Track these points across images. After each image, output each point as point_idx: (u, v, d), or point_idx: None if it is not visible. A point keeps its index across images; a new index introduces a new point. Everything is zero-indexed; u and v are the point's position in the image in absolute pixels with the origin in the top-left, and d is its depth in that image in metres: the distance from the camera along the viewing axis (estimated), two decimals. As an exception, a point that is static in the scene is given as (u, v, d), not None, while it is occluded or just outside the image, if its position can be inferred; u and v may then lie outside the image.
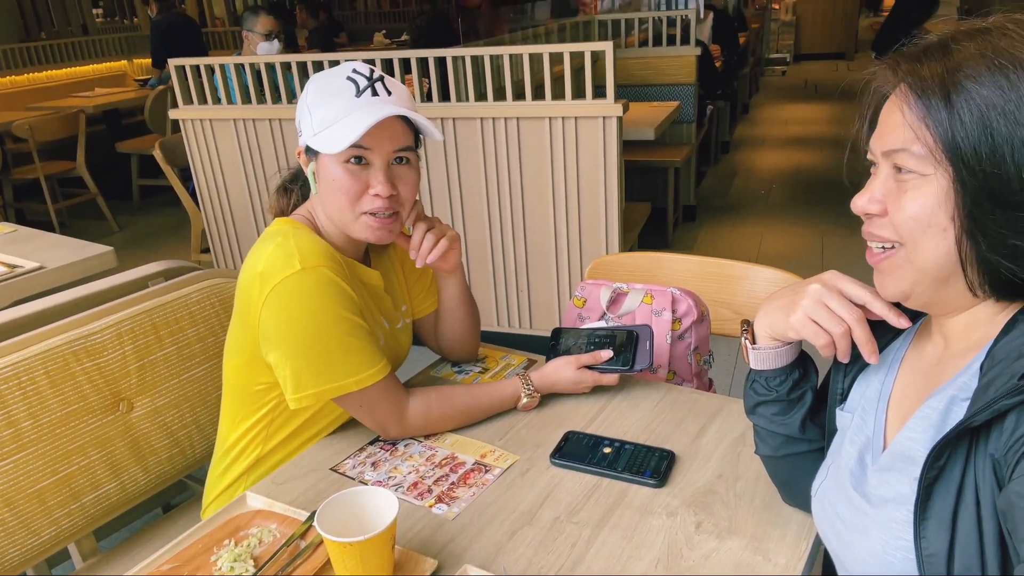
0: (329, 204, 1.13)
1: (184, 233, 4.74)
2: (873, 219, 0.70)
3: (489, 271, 2.87)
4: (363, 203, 1.10)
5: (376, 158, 1.08)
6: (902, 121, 0.66)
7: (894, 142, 0.67)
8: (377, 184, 1.08)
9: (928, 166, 0.65)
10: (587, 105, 2.52)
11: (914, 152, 0.65)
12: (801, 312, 0.77)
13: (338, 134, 1.05)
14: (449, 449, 1.13)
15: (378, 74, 1.10)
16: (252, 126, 3.04)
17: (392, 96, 1.08)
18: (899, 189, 0.68)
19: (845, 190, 3.21)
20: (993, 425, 0.61)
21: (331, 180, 1.09)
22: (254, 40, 3.69)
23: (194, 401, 1.48)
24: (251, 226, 3.25)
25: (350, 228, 1.13)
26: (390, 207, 1.11)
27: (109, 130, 5.53)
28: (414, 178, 1.14)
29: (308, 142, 1.10)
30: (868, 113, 0.75)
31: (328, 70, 1.12)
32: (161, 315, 1.43)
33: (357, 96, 1.06)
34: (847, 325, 0.75)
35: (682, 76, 4.17)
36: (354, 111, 1.05)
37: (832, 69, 10.23)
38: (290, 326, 1.07)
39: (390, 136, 1.08)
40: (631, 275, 1.62)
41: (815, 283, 0.77)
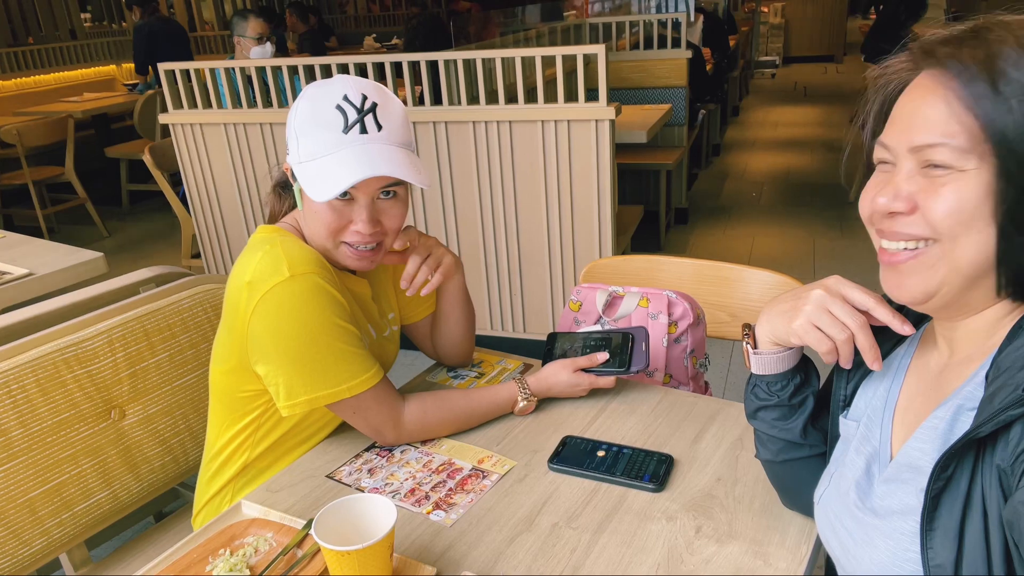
0: (311, 230, 1.11)
1: (174, 238, 4.72)
2: (897, 217, 0.67)
3: (482, 274, 2.87)
4: (344, 235, 1.09)
5: (360, 195, 1.06)
6: (938, 111, 0.63)
7: (928, 136, 0.64)
8: (359, 221, 1.07)
9: (969, 160, 0.62)
10: (580, 108, 2.52)
11: (955, 146, 0.62)
12: (804, 318, 0.76)
13: (320, 178, 1.02)
14: (446, 455, 1.12)
15: (370, 103, 1.03)
16: (243, 130, 3.02)
17: (383, 132, 1.04)
18: (931, 185, 0.64)
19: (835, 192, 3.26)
20: (999, 435, 0.60)
21: (314, 211, 1.08)
22: (246, 45, 3.65)
23: (186, 408, 1.47)
24: (242, 230, 3.23)
25: (331, 254, 1.12)
26: (372, 241, 1.09)
27: (98, 135, 5.49)
28: (400, 211, 1.11)
29: (293, 168, 1.08)
30: (874, 108, 0.73)
31: (322, 87, 1.06)
32: (153, 321, 1.41)
33: (344, 132, 1.02)
34: (850, 331, 0.73)
35: (673, 79, 4.17)
36: (339, 150, 1.02)
37: (821, 72, 10.28)
38: (281, 334, 1.06)
39: (375, 176, 1.03)
40: (626, 278, 1.62)
41: (818, 288, 0.76)
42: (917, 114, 0.65)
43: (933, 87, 0.64)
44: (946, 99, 0.63)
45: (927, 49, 0.66)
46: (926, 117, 0.64)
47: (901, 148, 0.66)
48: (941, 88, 0.64)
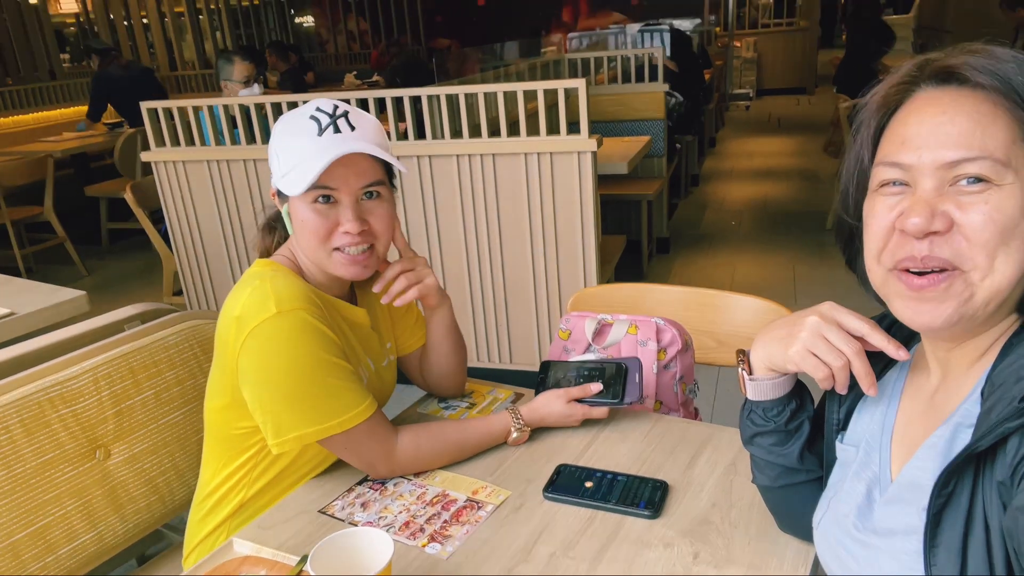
0: (303, 244, 1.13)
1: (154, 277, 4.67)
2: (932, 239, 0.63)
3: (468, 306, 2.87)
4: (334, 240, 1.10)
5: (343, 196, 1.08)
6: (967, 124, 0.62)
7: (961, 151, 0.61)
8: (346, 221, 1.08)
9: (1006, 174, 0.61)
10: (562, 141, 2.55)
11: (995, 158, 0.60)
12: (800, 344, 0.75)
13: (300, 175, 1.04)
14: (440, 487, 1.11)
15: (342, 110, 1.08)
16: (226, 167, 3.02)
17: (356, 131, 1.07)
18: (964, 202, 0.61)
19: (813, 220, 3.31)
20: (997, 450, 0.60)
21: (301, 221, 1.09)
22: (233, 89, 3.58)
23: (173, 446, 1.44)
24: (225, 267, 3.21)
25: (325, 265, 1.13)
26: (362, 242, 1.10)
27: (77, 174, 5.47)
28: (386, 210, 1.13)
29: (277, 185, 1.10)
30: (870, 133, 0.71)
31: (293, 111, 1.12)
32: (139, 358, 1.40)
33: (319, 135, 1.06)
34: (846, 358, 0.73)
35: (651, 112, 4.25)
36: (315, 151, 1.04)
37: (794, 103, 10.51)
38: (268, 370, 1.05)
39: (356, 172, 1.07)
40: (612, 307, 1.63)
41: (813, 315, 0.76)
42: (940, 130, 0.63)
43: (952, 99, 0.63)
44: (978, 112, 0.62)
45: (944, 66, 0.65)
46: (950, 133, 0.63)
47: (924, 166, 0.64)
48: (969, 102, 0.63)
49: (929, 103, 0.66)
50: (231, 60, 3.58)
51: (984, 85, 0.63)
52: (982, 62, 0.63)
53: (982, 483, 0.62)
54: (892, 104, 0.70)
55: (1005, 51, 0.64)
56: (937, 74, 0.66)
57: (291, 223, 1.13)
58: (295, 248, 1.17)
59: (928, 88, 0.67)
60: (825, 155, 6.93)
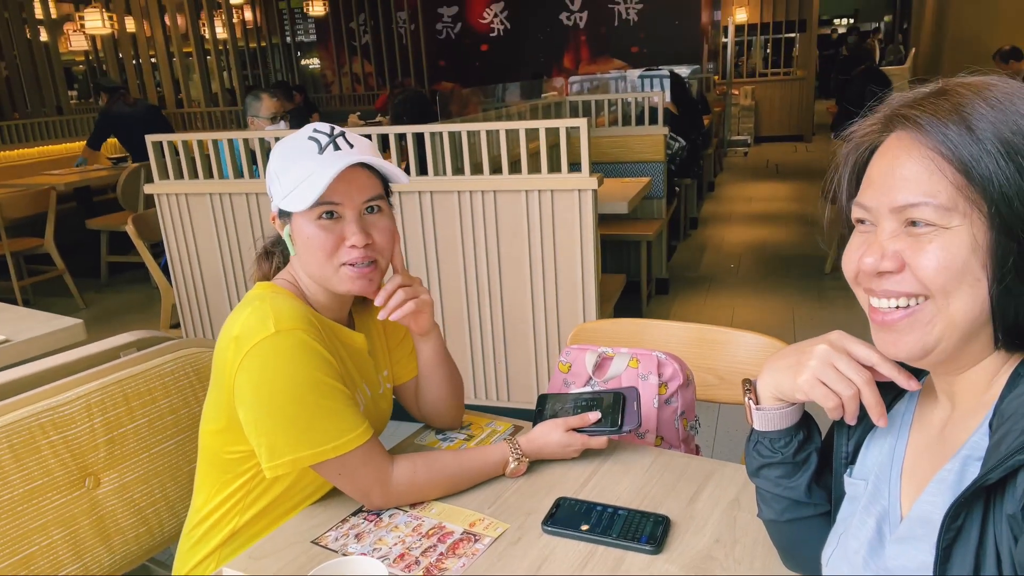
0: (308, 262, 1.12)
1: (151, 310, 4.66)
2: (886, 276, 0.67)
3: (467, 342, 2.85)
4: (340, 255, 1.10)
5: (347, 211, 1.09)
6: (918, 170, 0.64)
7: (909, 195, 0.64)
8: (351, 235, 1.09)
9: (953, 217, 0.62)
10: (563, 178, 2.57)
11: (937, 204, 0.63)
12: (809, 373, 0.74)
13: (306, 191, 1.06)
14: (436, 518, 1.09)
15: (339, 130, 1.12)
16: (228, 200, 3.04)
17: (355, 148, 1.10)
18: (917, 243, 0.64)
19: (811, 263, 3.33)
20: (1008, 484, 0.59)
21: (306, 238, 1.10)
22: (260, 125, 3.65)
23: (164, 476, 1.42)
24: (224, 300, 3.20)
25: (331, 283, 1.12)
26: (367, 256, 1.11)
27: (80, 207, 5.50)
28: (387, 224, 1.14)
29: (279, 205, 1.11)
30: (847, 173, 0.74)
31: (289, 135, 1.14)
32: (133, 386, 1.38)
33: (320, 153, 1.08)
34: (856, 388, 0.72)
35: (651, 154, 4.30)
36: (319, 167, 1.07)
37: (791, 150, 10.64)
38: (264, 391, 1.04)
39: (358, 187, 1.09)
40: (613, 341, 1.62)
41: (822, 343, 0.75)
42: (894, 174, 0.66)
43: (908, 146, 0.65)
44: (927, 157, 0.64)
45: (896, 111, 0.68)
46: (904, 177, 0.65)
47: (882, 208, 0.67)
48: (917, 146, 0.65)
49: (891, 147, 0.68)
50: (259, 97, 3.67)
51: (936, 132, 0.65)
52: (935, 115, 0.64)
53: (992, 516, 0.60)
54: (871, 144, 0.72)
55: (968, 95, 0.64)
56: (901, 120, 0.68)
57: (293, 244, 1.13)
58: (296, 271, 1.17)
59: (896, 132, 0.69)
60: (823, 200, 6.98)
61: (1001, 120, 0.62)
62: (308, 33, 11.37)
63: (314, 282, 1.15)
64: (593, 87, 5.79)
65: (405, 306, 1.18)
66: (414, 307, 1.19)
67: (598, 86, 5.76)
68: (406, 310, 1.18)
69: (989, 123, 0.62)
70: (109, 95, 5.83)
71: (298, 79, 10.57)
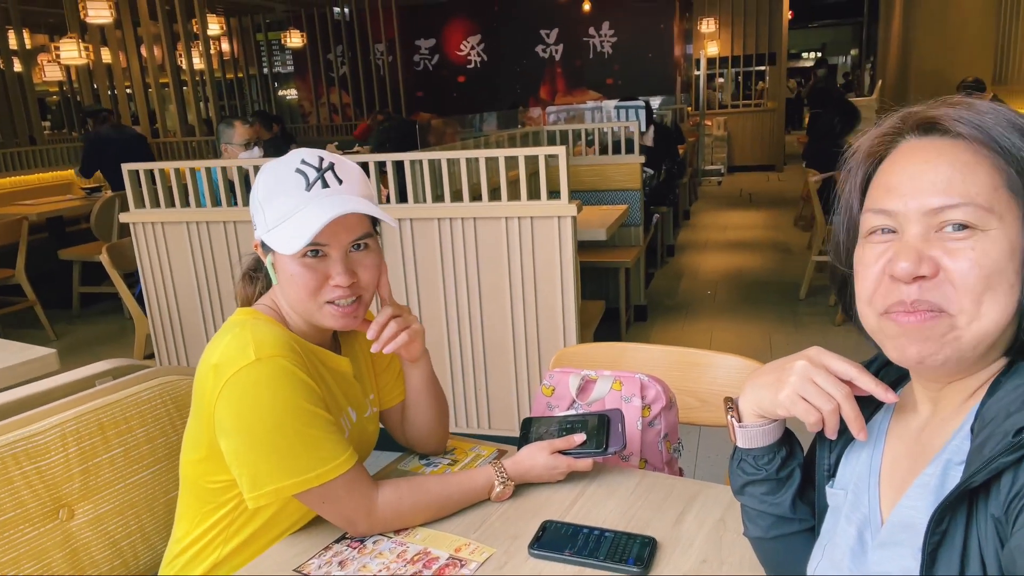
0: (290, 296, 1.11)
1: (124, 341, 4.59)
2: (920, 283, 0.64)
3: (447, 370, 2.84)
4: (324, 293, 1.09)
5: (333, 250, 1.08)
6: (950, 172, 0.64)
7: (945, 197, 0.63)
8: (336, 275, 1.07)
9: (991, 219, 0.62)
10: (542, 205, 2.59)
11: (978, 204, 0.62)
12: (790, 389, 0.75)
13: (291, 233, 1.04)
14: (421, 544, 1.08)
15: (327, 162, 1.08)
16: (205, 228, 3.02)
17: (344, 185, 1.08)
18: (951, 248, 0.63)
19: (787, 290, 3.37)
20: (991, 486, 0.60)
21: (290, 275, 1.08)
22: (233, 152, 3.62)
23: (140, 507, 1.38)
24: (200, 329, 3.17)
25: (314, 318, 1.12)
26: (351, 294, 1.10)
27: (52, 237, 5.42)
28: (373, 261, 1.13)
29: (263, 238, 1.09)
30: (859, 180, 0.73)
31: (277, 161, 1.11)
32: (109, 415, 1.35)
33: (307, 190, 1.06)
34: (836, 402, 0.73)
35: (628, 182, 4.35)
36: (306, 207, 1.04)
37: (764, 179, 10.83)
38: (245, 419, 1.03)
39: (345, 227, 1.07)
40: (595, 365, 1.62)
41: (801, 359, 0.76)
42: (923, 178, 0.65)
43: (940, 150, 0.65)
44: (961, 160, 0.64)
45: (926, 117, 0.68)
46: (934, 180, 0.64)
47: (911, 213, 0.65)
48: (952, 150, 0.65)
49: (913, 152, 0.68)
50: (231, 124, 3.65)
51: (964, 135, 0.66)
52: (962, 114, 0.66)
53: (976, 519, 0.61)
54: (878, 154, 0.72)
55: (984, 103, 0.67)
56: (920, 125, 0.69)
57: (275, 274, 1.12)
58: (278, 297, 1.16)
59: (912, 138, 0.69)
60: (796, 228, 7.11)
61: (1003, 114, 0.64)
62: (285, 64, 11.43)
63: (296, 312, 1.14)
64: (570, 117, 5.87)
65: (398, 338, 1.17)
66: (407, 338, 1.18)
67: (574, 116, 5.84)
68: (399, 342, 1.17)
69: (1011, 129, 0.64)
70: (95, 119, 5.79)
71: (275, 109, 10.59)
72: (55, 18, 8.03)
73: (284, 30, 10.11)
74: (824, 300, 4.68)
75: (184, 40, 7.30)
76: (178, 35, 7.36)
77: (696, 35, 11.47)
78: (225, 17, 9.63)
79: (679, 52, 10.12)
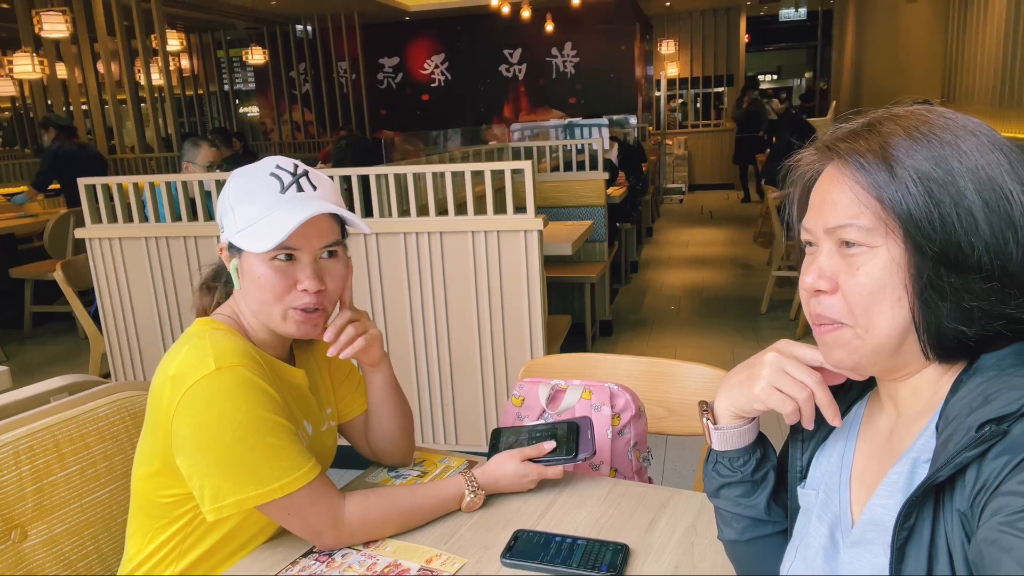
0: (254, 301, 1.09)
1: (78, 361, 4.46)
2: (820, 297, 0.71)
3: (413, 385, 2.81)
4: (290, 299, 1.07)
5: (303, 255, 1.07)
6: (844, 196, 0.69)
7: (838, 218, 0.69)
8: (305, 279, 1.06)
9: (876, 238, 0.67)
10: (509, 219, 2.60)
11: (860, 225, 0.67)
12: (764, 382, 0.77)
13: (264, 232, 1.03)
14: (391, 556, 1.06)
15: (302, 169, 1.09)
16: (164, 244, 2.96)
17: (318, 191, 1.08)
18: (848, 265, 0.69)
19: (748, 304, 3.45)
20: (956, 481, 0.62)
21: (257, 277, 1.07)
22: (194, 172, 3.59)
23: (96, 527, 1.34)
24: (158, 347, 3.09)
25: (275, 324, 1.10)
26: (318, 303, 1.08)
27: (3, 256, 5.26)
28: (342, 270, 1.12)
29: (232, 239, 1.08)
30: (796, 196, 0.79)
31: (250, 166, 1.11)
32: (64, 432, 1.31)
33: (282, 192, 1.06)
34: (810, 390, 0.75)
35: (592, 198, 4.39)
36: (280, 208, 1.04)
37: (724, 197, 11.03)
38: (206, 430, 1.00)
39: (318, 233, 1.07)
40: (563, 376, 1.62)
41: (770, 352, 0.78)
42: (826, 199, 0.71)
43: (837, 176, 0.71)
44: (848, 186, 0.69)
45: (829, 145, 0.73)
46: (834, 201, 0.70)
47: (819, 231, 0.72)
48: (843, 177, 0.70)
49: (827, 175, 0.73)
50: (198, 144, 3.60)
51: (855, 163, 0.70)
52: (856, 149, 0.70)
53: (943, 514, 0.63)
54: (813, 173, 0.76)
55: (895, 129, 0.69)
56: (829, 152, 0.73)
57: (240, 279, 1.10)
58: (238, 306, 1.14)
59: (831, 161, 0.74)
60: (755, 245, 7.24)
61: (918, 149, 0.67)
62: (247, 81, 11.32)
63: (257, 319, 1.12)
64: (533, 135, 5.91)
65: (356, 342, 1.16)
66: (364, 343, 1.17)
67: (538, 134, 5.89)
68: (357, 346, 1.16)
69: (905, 152, 0.67)
70: (60, 131, 5.64)
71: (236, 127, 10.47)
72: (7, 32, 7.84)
73: (246, 47, 10.02)
74: (785, 314, 4.77)
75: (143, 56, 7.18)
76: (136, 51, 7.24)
77: (657, 56, 11.69)
78: (185, 33, 9.52)
79: (640, 73, 10.30)
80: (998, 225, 0.64)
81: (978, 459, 0.60)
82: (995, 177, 0.65)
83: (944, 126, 0.68)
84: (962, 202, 0.64)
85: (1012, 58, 5.13)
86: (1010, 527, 0.55)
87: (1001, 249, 0.64)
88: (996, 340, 0.66)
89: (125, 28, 6.88)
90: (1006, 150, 0.67)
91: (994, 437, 0.58)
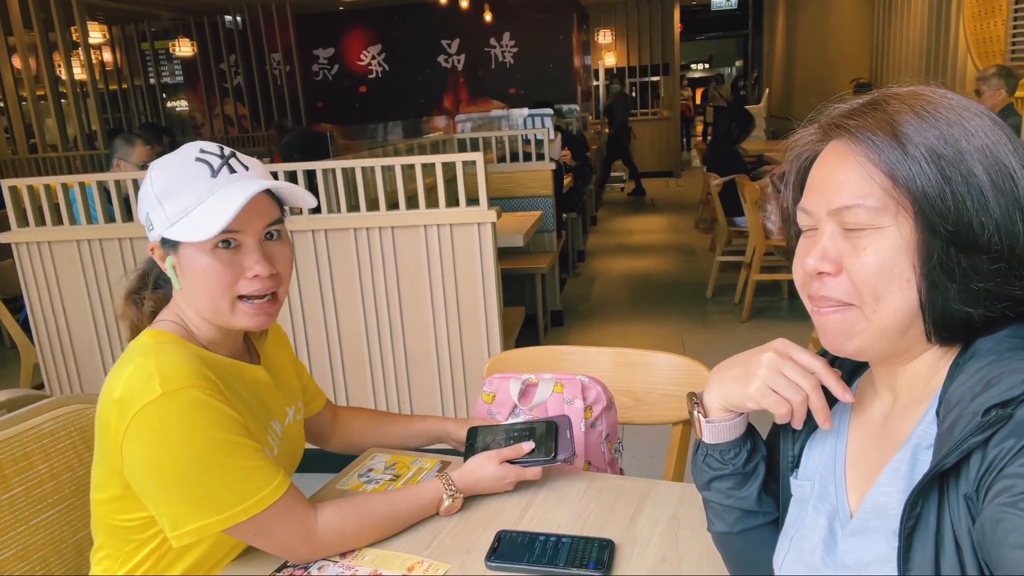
0: (199, 297, 1.03)
1: (7, 372, 4.22)
2: (824, 279, 0.69)
3: (368, 385, 2.76)
4: (239, 288, 1.02)
5: (247, 238, 1.01)
6: (854, 174, 0.67)
7: (844, 198, 0.67)
8: (255, 264, 1.01)
9: (885, 218, 0.66)
10: (461, 212, 2.56)
11: (869, 205, 0.66)
12: (760, 382, 0.75)
13: (203, 220, 0.97)
14: (371, 566, 1.02)
15: (229, 151, 1.04)
16: (98, 247, 2.82)
17: (250, 171, 1.03)
18: (854, 246, 0.67)
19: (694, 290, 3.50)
20: (961, 466, 0.61)
21: (200, 271, 1.00)
22: (127, 170, 3.41)
23: (45, 550, 1.25)
24: (95, 355, 2.95)
25: (225, 319, 1.04)
26: (271, 287, 1.03)
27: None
28: (287, 253, 1.07)
29: (165, 234, 1.00)
30: (792, 178, 0.77)
31: (169, 155, 1.04)
32: (7, 451, 1.22)
33: (213, 176, 1.00)
34: (805, 393, 0.74)
35: (540, 189, 4.38)
36: (215, 192, 0.98)
37: (664, 185, 11.20)
38: (157, 457, 0.95)
39: (259, 212, 1.01)
40: (528, 370, 1.60)
41: (768, 352, 0.77)
42: (831, 179, 0.69)
43: (844, 154, 0.69)
44: (858, 163, 0.67)
45: (834, 122, 0.71)
46: (839, 182, 0.68)
47: (821, 212, 0.70)
48: (852, 155, 0.68)
49: (829, 155, 0.72)
50: (132, 143, 3.38)
51: (867, 140, 0.68)
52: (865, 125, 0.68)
53: (948, 500, 0.63)
54: (810, 153, 0.75)
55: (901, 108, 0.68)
56: (835, 129, 0.72)
57: (179, 277, 1.03)
58: (180, 309, 1.07)
59: (833, 140, 0.72)
60: (697, 231, 7.37)
61: (927, 127, 0.66)
62: (174, 74, 10.89)
63: (203, 319, 1.06)
64: (477, 125, 5.86)
65: None
66: None
67: (483, 124, 5.84)
68: None
69: (915, 130, 0.66)
70: None
71: (165, 121, 10.07)
72: (-89, 25, 7.34)
73: (172, 39, 9.64)
74: (729, 299, 4.86)
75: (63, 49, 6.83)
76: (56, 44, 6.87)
77: (594, 46, 11.75)
78: (108, 25, 9.09)
79: (579, 62, 10.33)
80: (1005, 204, 0.64)
81: (983, 444, 0.60)
82: (1000, 156, 0.65)
83: (948, 106, 0.67)
84: (972, 180, 0.64)
85: (935, 41, 5.34)
86: (1014, 507, 0.55)
87: (1009, 229, 0.64)
88: (992, 323, 0.67)
89: (43, 20, 6.52)
90: (1006, 130, 0.67)
91: (1000, 421, 0.59)
